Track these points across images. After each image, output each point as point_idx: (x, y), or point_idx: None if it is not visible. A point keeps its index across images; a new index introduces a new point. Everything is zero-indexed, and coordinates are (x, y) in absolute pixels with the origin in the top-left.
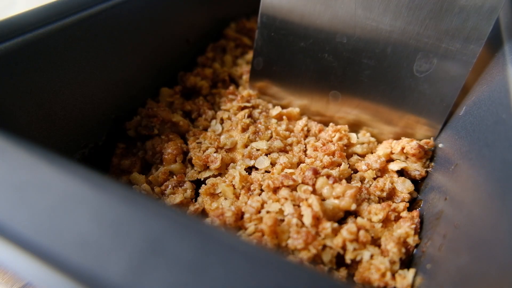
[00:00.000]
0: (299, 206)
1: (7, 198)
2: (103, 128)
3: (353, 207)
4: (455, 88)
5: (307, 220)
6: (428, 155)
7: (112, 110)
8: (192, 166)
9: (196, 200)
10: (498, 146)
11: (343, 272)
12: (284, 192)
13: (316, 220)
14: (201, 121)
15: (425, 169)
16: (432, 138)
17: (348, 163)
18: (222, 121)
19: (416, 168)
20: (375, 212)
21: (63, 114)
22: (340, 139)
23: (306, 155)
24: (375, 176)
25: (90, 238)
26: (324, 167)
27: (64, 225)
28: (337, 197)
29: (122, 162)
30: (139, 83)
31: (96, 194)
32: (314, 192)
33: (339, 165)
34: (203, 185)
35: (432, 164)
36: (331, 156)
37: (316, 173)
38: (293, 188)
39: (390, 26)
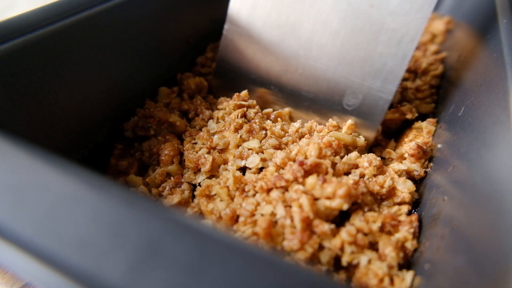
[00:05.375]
0: (291, 206)
1: (6, 199)
2: (103, 129)
3: (345, 207)
4: (377, 120)
5: (297, 224)
6: (426, 156)
7: (111, 110)
8: None
9: (193, 200)
10: (496, 147)
11: (342, 275)
12: (274, 194)
13: (307, 223)
14: (198, 120)
15: (423, 170)
16: (431, 138)
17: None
18: (218, 120)
19: (415, 169)
20: (373, 220)
21: (63, 115)
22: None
23: (299, 145)
24: (375, 173)
25: (89, 239)
26: (321, 149)
27: (63, 226)
28: (328, 198)
29: (119, 163)
30: (139, 84)
31: (95, 195)
32: (306, 191)
33: (337, 152)
34: (198, 186)
35: (431, 164)
36: (331, 139)
37: (302, 164)
38: (287, 188)
39: (326, 66)
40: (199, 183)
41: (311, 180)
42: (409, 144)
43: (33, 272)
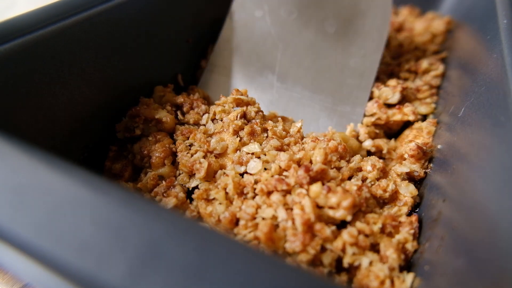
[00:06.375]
0: (292, 209)
1: (7, 201)
2: (103, 130)
3: (349, 218)
4: None
5: (299, 227)
6: (426, 156)
7: (112, 111)
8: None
9: (191, 203)
10: (496, 149)
11: (344, 277)
12: (274, 197)
13: (308, 225)
14: (192, 114)
15: (423, 170)
16: (431, 139)
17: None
18: (215, 115)
19: (414, 169)
20: (373, 221)
21: (63, 116)
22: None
23: (304, 149)
24: (378, 177)
25: (90, 241)
26: (326, 154)
27: (63, 228)
28: (332, 208)
29: (113, 166)
30: (139, 84)
31: (96, 197)
32: (308, 194)
33: (342, 157)
34: (196, 189)
35: (431, 165)
36: (336, 143)
37: (308, 170)
38: (288, 191)
39: (300, 94)
40: (194, 187)
41: (316, 188)
42: (409, 144)
43: (33, 274)
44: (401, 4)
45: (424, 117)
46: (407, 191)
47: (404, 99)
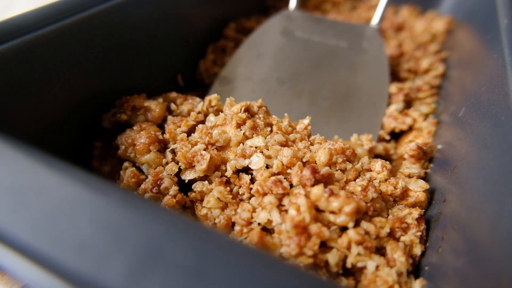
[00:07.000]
0: (287, 211)
1: (5, 202)
2: (103, 130)
3: (351, 225)
4: None
5: (290, 230)
6: (427, 156)
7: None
8: (174, 154)
9: (186, 196)
10: (496, 149)
11: (351, 281)
12: (267, 199)
13: (302, 228)
14: (186, 104)
15: (423, 171)
16: (431, 139)
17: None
18: (210, 103)
19: (415, 169)
20: (381, 225)
21: (62, 116)
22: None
23: (311, 150)
24: (387, 178)
25: (89, 242)
26: (331, 155)
27: (62, 229)
28: (333, 212)
29: (102, 168)
30: (139, 85)
31: (95, 198)
32: (307, 196)
33: (350, 161)
34: (190, 192)
35: (431, 165)
36: (342, 145)
37: (314, 172)
38: (285, 194)
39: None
40: (191, 180)
41: (317, 190)
42: (409, 144)
43: (32, 276)
44: (401, 3)
45: (424, 117)
46: (417, 186)
47: (404, 99)
